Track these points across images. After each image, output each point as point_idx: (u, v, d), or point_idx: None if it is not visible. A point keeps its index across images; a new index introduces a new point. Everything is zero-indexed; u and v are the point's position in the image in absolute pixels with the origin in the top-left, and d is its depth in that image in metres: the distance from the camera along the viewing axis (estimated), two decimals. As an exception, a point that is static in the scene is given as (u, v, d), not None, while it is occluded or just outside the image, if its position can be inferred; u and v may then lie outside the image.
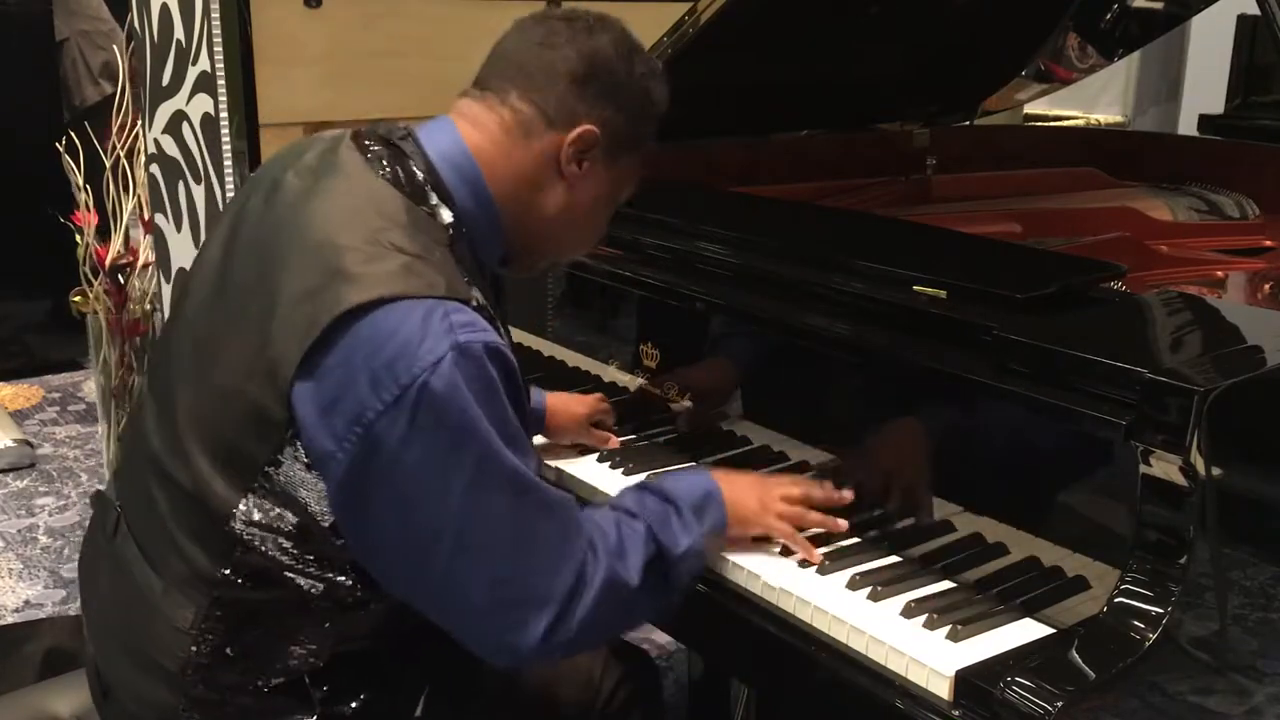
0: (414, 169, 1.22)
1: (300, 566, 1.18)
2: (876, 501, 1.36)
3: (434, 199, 1.22)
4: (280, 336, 1.11)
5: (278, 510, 1.16)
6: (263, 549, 1.17)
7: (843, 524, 1.33)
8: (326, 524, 1.16)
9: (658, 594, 1.23)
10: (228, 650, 1.21)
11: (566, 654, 1.18)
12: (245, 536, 1.17)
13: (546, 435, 1.63)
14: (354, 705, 1.26)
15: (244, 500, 1.16)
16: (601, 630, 1.20)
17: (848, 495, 1.35)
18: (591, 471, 1.56)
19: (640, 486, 1.30)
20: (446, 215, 1.22)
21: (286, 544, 1.17)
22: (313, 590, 1.20)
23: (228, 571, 1.18)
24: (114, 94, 3.97)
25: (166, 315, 1.31)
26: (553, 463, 1.60)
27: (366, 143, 1.25)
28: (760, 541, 1.34)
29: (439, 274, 1.14)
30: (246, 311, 1.17)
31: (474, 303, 1.15)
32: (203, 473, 1.17)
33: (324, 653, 1.23)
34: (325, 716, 1.24)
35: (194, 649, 1.20)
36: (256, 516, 1.16)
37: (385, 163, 1.22)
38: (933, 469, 1.31)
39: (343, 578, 1.20)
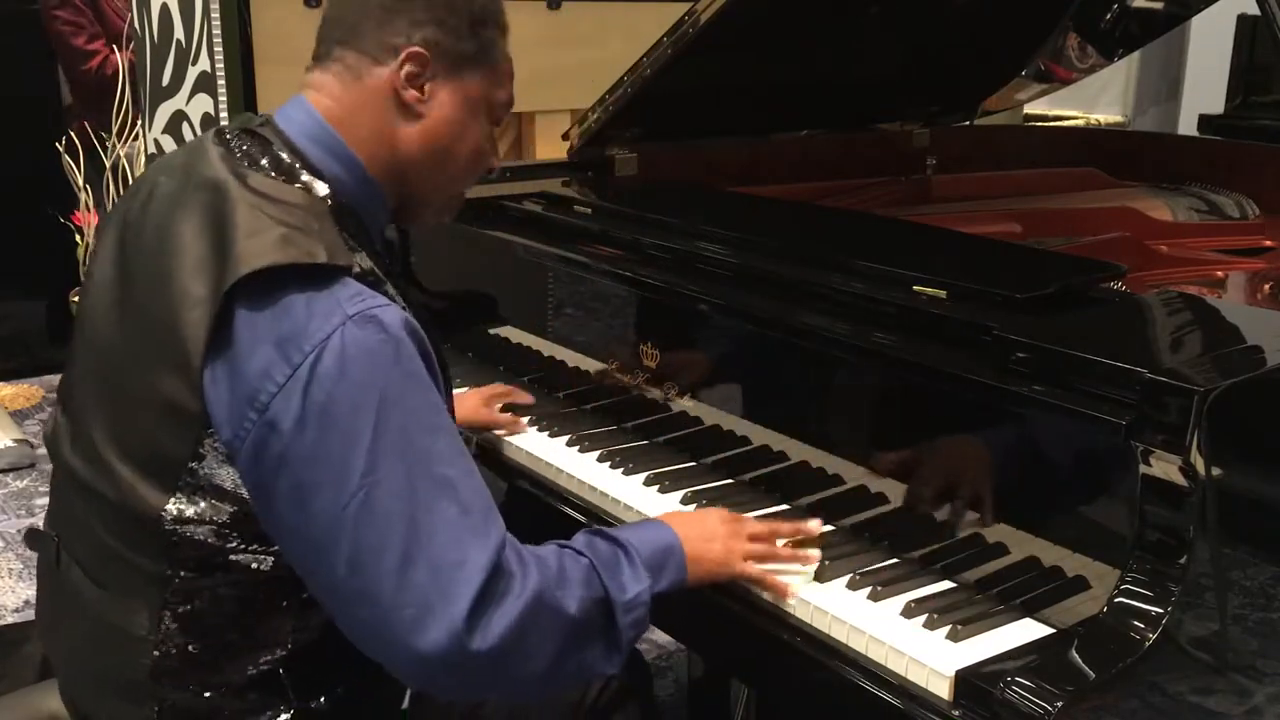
0: (278, 153, 1.23)
1: (242, 547, 1.17)
2: (876, 500, 1.36)
3: (304, 175, 1.22)
4: (186, 329, 1.12)
5: (208, 503, 1.15)
6: (201, 539, 1.16)
7: (815, 554, 1.30)
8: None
9: (600, 635, 1.17)
10: (190, 649, 1.19)
11: (488, 669, 1.09)
12: (181, 532, 1.15)
13: None
14: (331, 699, 1.25)
15: (171, 500, 1.15)
16: (532, 654, 1.11)
17: (816, 528, 1.33)
18: (592, 471, 1.56)
19: (594, 531, 1.25)
20: (321, 188, 1.22)
21: (225, 531, 1.16)
22: (261, 568, 1.18)
23: (172, 568, 1.17)
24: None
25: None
26: (552, 462, 1.60)
27: (228, 137, 1.25)
28: (760, 541, 1.34)
29: (318, 242, 1.13)
30: (149, 316, 1.17)
31: (356, 269, 1.15)
32: (126, 481, 1.16)
33: (288, 637, 1.22)
34: (301, 711, 1.23)
35: (156, 654, 1.19)
36: (188, 513, 1.15)
37: (249, 151, 1.23)
38: (933, 468, 1.31)
39: None
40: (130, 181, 3.49)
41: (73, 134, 3.87)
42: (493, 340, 1.94)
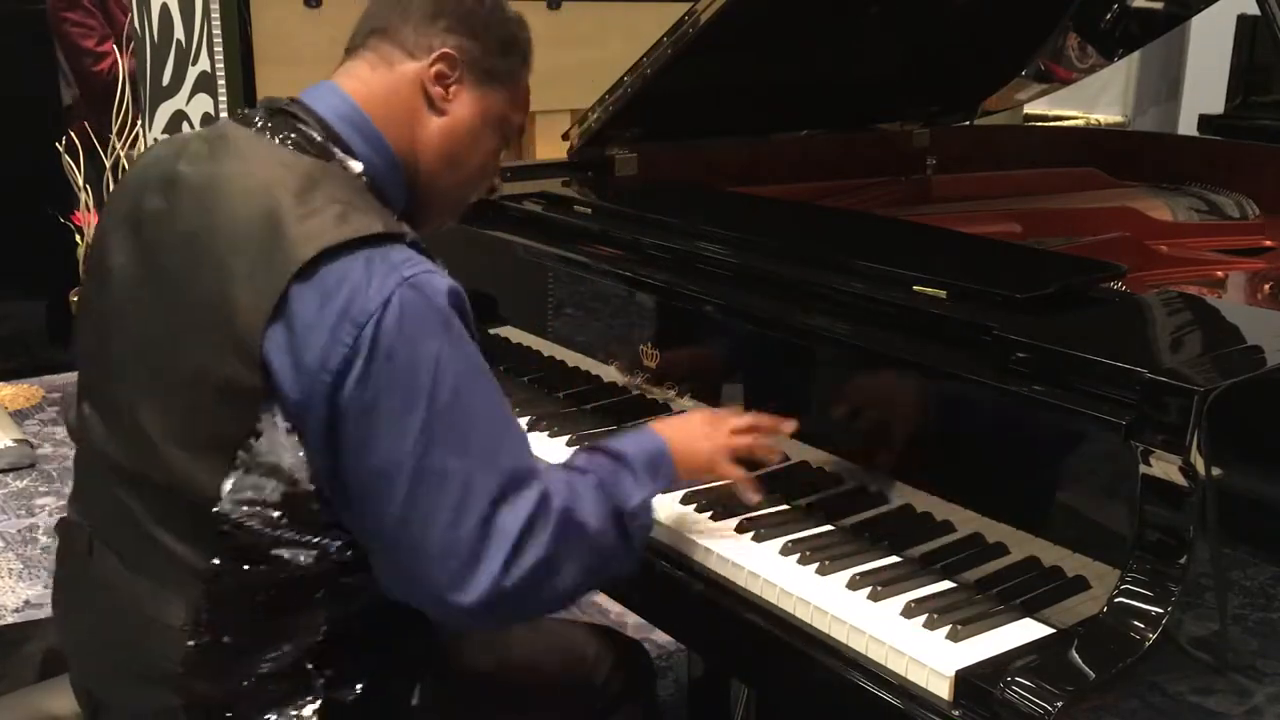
0: (309, 131, 1.27)
1: (288, 538, 1.19)
2: (876, 500, 1.36)
3: (338, 153, 1.27)
4: (241, 310, 1.15)
5: (262, 482, 1.17)
6: (251, 525, 1.18)
7: (789, 427, 1.40)
8: (311, 487, 1.18)
9: (614, 545, 1.24)
10: (225, 639, 1.21)
11: (522, 601, 1.17)
12: (233, 516, 1.17)
13: None
14: (354, 693, 1.26)
15: (228, 480, 1.17)
16: (558, 577, 1.19)
17: (790, 427, 1.41)
18: (591, 471, 1.56)
19: (590, 447, 1.33)
20: (356, 165, 1.28)
21: (273, 515, 1.18)
22: (302, 560, 1.21)
23: (216, 559, 1.19)
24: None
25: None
26: (551, 462, 1.59)
27: (252, 118, 1.29)
28: (762, 542, 1.34)
29: (373, 214, 1.19)
30: (192, 302, 1.19)
31: (408, 238, 1.19)
32: (180, 466, 1.18)
33: (319, 628, 1.23)
34: (328, 702, 1.24)
35: (191, 644, 1.20)
36: (243, 493, 1.17)
37: (279, 130, 1.26)
38: (933, 468, 1.32)
39: (329, 541, 1.21)
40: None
41: (73, 134, 3.87)
42: (493, 340, 1.94)
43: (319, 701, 1.24)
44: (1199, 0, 2.52)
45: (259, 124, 1.27)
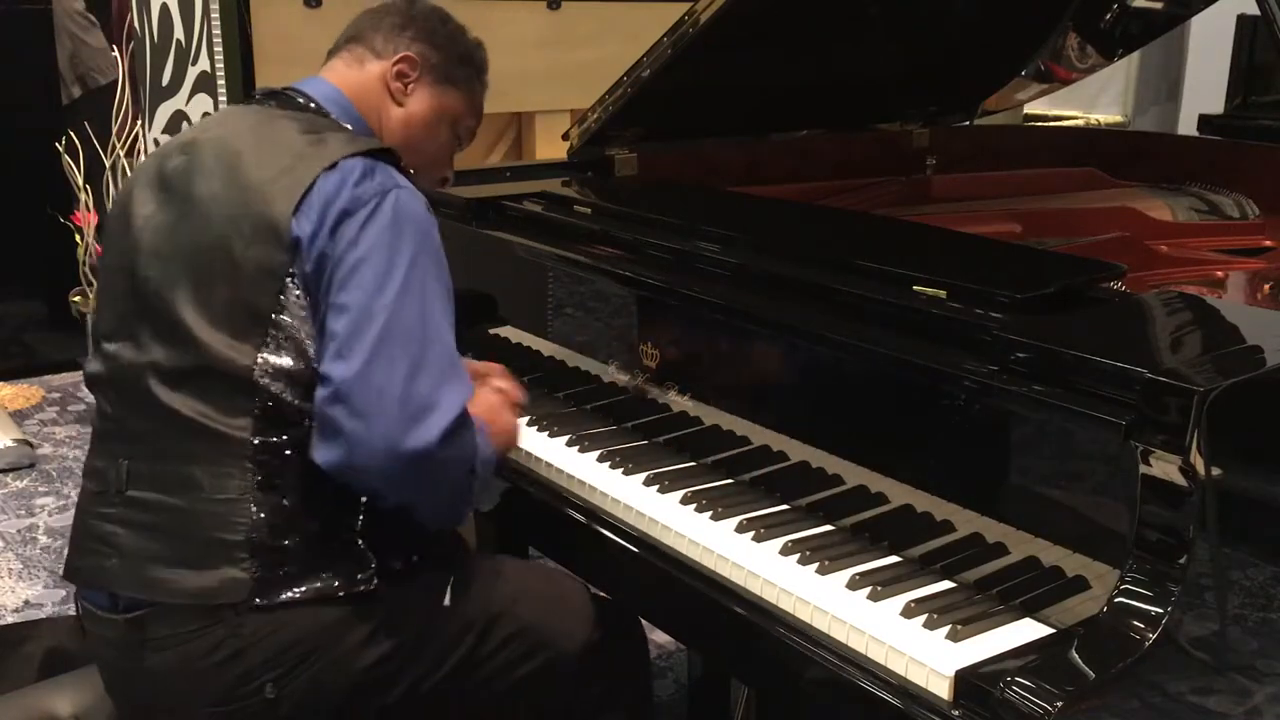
0: (305, 104, 1.55)
1: (308, 408, 1.36)
2: (876, 500, 1.36)
3: (332, 118, 1.55)
4: (276, 203, 1.38)
5: (286, 354, 1.36)
6: (280, 394, 1.36)
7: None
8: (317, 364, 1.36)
9: (477, 482, 1.44)
10: (284, 501, 1.36)
11: (441, 474, 1.36)
12: (265, 385, 1.35)
13: None
14: (402, 563, 1.44)
15: (260, 353, 1.36)
16: (464, 475, 1.39)
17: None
18: (592, 471, 1.56)
19: None
20: (348, 129, 1.54)
21: (298, 386, 1.36)
22: None
23: (258, 428, 1.35)
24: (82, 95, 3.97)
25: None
26: (552, 462, 1.60)
27: (251, 98, 1.57)
28: (762, 542, 1.35)
29: (372, 145, 1.46)
30: (227, 212, 1.40)
31: (403, 164, 1.45)
32: (220, 347, 1.36)
33: (359, 501, 1.39)
34: (380, 568, 1.40)
35: (253, 509, 1.35)
36: (273, 363, 1.36)
37: (278, 104, 1.55)
38: (933, 468, 1.32)
39: None
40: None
41: (72, 134, 3.87)
42: (493, 340, 1.94)
43: (373, 566, 1.39)
44: (1199, 0, 2.52)
45: (258, 101, 1.55)
